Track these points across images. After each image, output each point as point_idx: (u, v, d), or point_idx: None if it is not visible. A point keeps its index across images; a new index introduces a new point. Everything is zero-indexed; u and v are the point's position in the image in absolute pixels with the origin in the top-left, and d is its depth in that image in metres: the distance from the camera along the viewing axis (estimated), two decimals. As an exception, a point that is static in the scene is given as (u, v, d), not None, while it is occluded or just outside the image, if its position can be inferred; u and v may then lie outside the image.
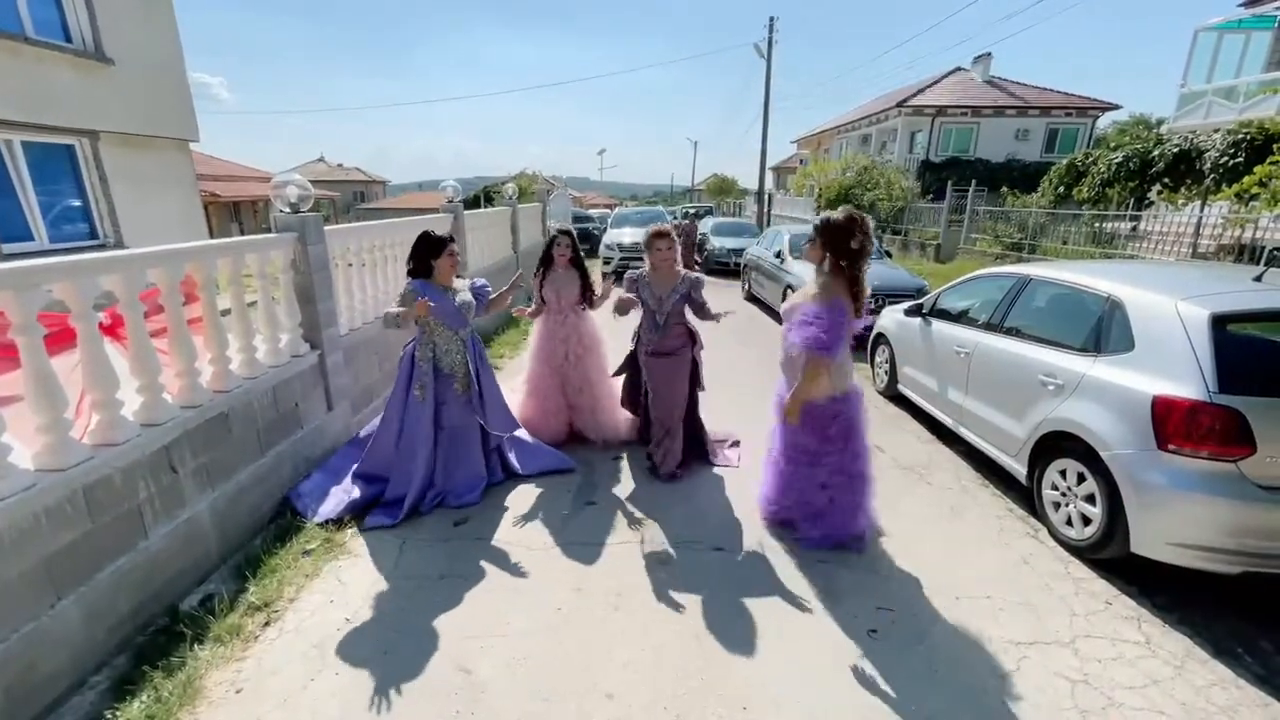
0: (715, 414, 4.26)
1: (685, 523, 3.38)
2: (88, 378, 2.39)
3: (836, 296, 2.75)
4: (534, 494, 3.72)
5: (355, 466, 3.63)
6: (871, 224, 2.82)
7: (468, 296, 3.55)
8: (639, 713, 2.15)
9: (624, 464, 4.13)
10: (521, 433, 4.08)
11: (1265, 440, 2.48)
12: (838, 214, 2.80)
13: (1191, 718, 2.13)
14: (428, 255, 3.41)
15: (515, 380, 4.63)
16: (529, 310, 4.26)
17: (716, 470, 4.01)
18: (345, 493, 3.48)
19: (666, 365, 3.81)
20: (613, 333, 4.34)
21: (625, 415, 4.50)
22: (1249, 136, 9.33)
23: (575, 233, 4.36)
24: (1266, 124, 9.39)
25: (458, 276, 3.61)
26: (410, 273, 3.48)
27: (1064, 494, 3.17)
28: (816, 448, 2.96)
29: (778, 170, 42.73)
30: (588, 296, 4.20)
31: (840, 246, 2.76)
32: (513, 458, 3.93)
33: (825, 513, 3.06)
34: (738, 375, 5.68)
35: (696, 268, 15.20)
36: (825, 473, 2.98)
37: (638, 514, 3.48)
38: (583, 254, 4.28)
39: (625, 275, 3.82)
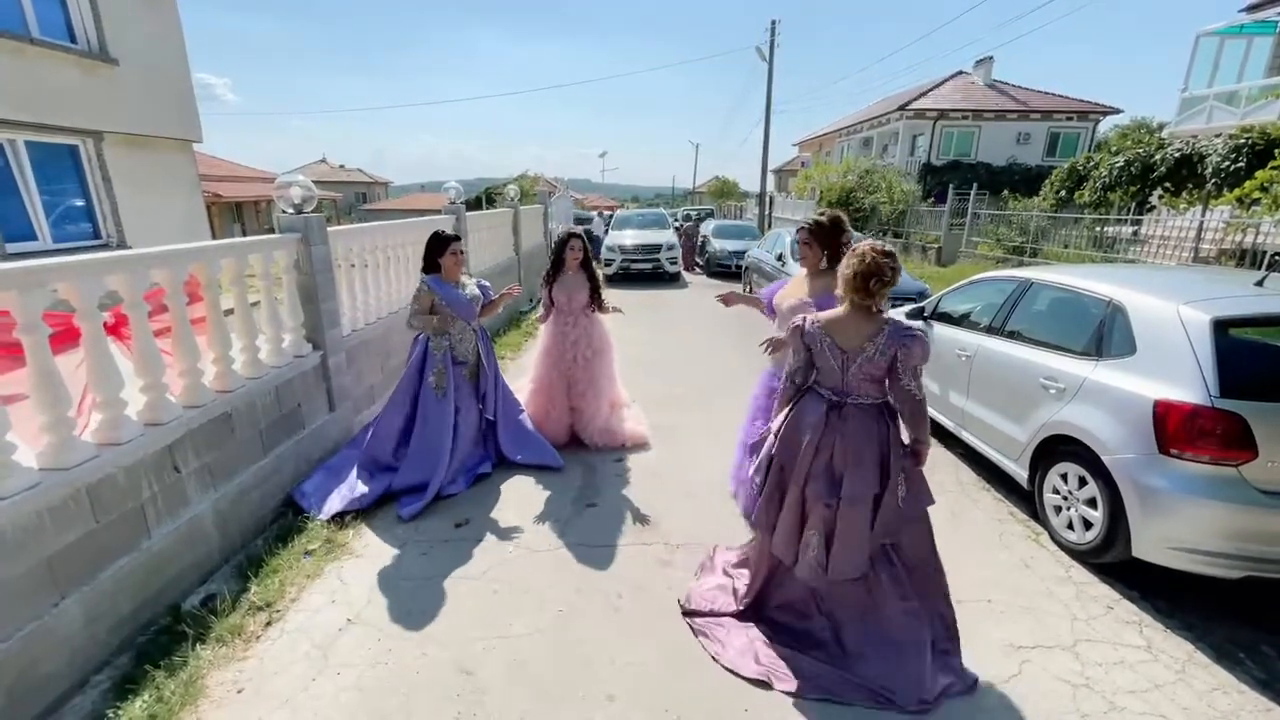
0: (721, 412, 4.26)
1: (687, 525, 3.38)
2: (92, 377, 2.40)
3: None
4: (535, 496, 3.72)
5: (360, 455, 3.72)
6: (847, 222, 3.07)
7: (475, 290, 3.82)
8: (640, 714, 2.15)
9: (625, 466, 4.13)
10: (524, 418, 4.17)
11: (1266, 445, 2.48)
12: (823, 217, 3.00)
13: (1193, 722, 2.12)
14: (434, 253, 3.68)
15: (520, 380, 4.64)
16: (538, 315, 4.30)
17: (717, 473, 3.98)
18: (350, 489, 3.51)
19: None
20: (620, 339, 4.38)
21: (626, 422, 4.50)
22: (1250, 141, 9.33)
23: (585, 235, 4.38)
24: (1268, 129, 9.40)
25: (465, 273, 3.87)
26: (424, 269, 3.76)
27: (1065, 498, 3.17)
28: None
29: (779, 173, 42.78)
30: (596, 300, 4.23)
31: (833, 244, 2.97)
32: (503, 442, 4.02)
33: None
34: (739, 378, 5.68)
35: (697, 270, 15.22)
36: None
37: (639, 516, 3.48)
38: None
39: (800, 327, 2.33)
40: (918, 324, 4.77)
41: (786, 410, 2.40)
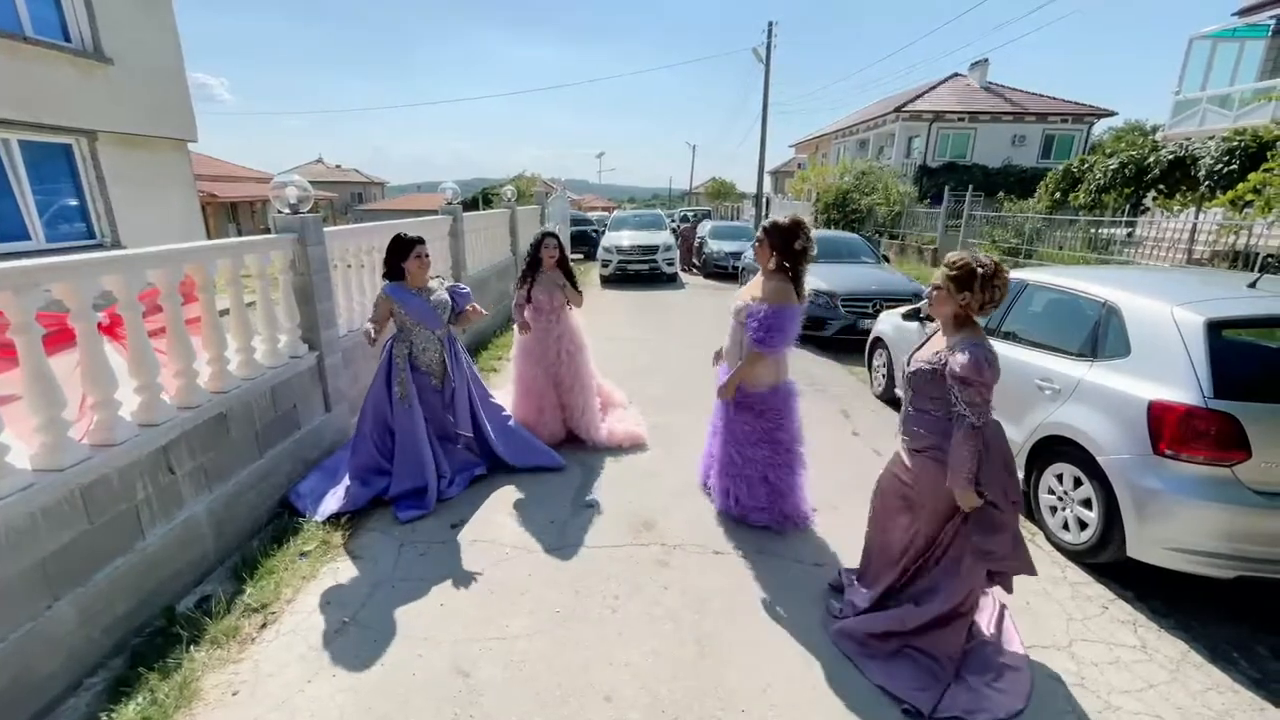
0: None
1: (685, 525, 3.38)
2: (86, 378, 2.38)
3: (789, 302, 2.95)
4: (532, 496, 3.71)
5: (348, 467, 3.63)
6: (812, 229, 3.02)
7: (444, 296, 3.64)
8: (638, 714, 2.15)
9: (622, 466, 4.13)
10: (514, 424, 4.13)
11: (1260, 445, 2.50)
12: (783, 218, 2.99)
13: (1187, 721, 2.14)
14: (396, 258, 3.51)
15: (506, 386, 4.62)
16: (518, 322, 4.24)
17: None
18: (345, 490, 3.48)
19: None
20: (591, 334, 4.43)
21: (624, 423, 4.52)
22: (1243, 144, 9.38)
23: (559, 234, 4.40)
24: (1260, 131, 9.45)
25: (435, 278, 3.72)
26: (385, 276, 3.59)
27: (1060, 498, 3.19)
28: (754, 433, 3.15)
29: (776, 174, 42.85)
30: (571, 285, 4.25)
31: (787, 248, 2.95)
32: (501, 450, 3.95)
33: (765, 493, 3.22)
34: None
35: (694, 270, 15.22)
36: (763, 455, 3.15)
37: (636, 516, 3.48)
38: (581, 255, 4.33)
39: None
40: (913, 325, 4.79)
41: (1005, 454, 2.39)
